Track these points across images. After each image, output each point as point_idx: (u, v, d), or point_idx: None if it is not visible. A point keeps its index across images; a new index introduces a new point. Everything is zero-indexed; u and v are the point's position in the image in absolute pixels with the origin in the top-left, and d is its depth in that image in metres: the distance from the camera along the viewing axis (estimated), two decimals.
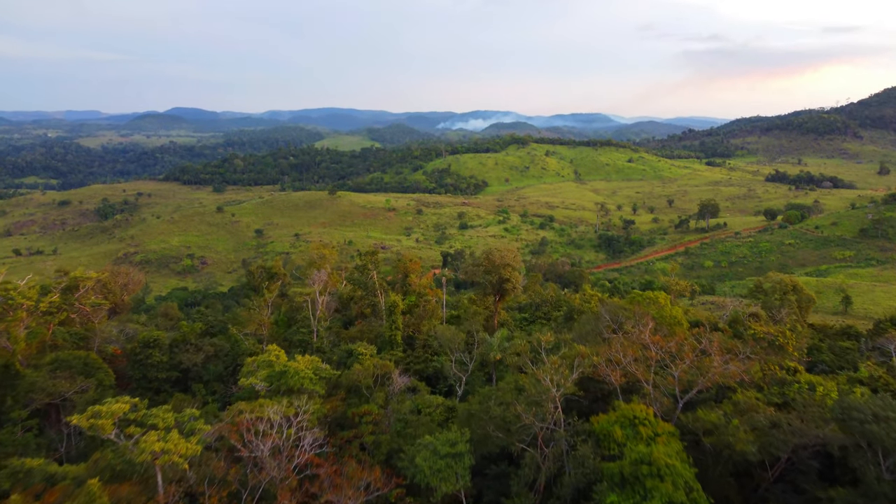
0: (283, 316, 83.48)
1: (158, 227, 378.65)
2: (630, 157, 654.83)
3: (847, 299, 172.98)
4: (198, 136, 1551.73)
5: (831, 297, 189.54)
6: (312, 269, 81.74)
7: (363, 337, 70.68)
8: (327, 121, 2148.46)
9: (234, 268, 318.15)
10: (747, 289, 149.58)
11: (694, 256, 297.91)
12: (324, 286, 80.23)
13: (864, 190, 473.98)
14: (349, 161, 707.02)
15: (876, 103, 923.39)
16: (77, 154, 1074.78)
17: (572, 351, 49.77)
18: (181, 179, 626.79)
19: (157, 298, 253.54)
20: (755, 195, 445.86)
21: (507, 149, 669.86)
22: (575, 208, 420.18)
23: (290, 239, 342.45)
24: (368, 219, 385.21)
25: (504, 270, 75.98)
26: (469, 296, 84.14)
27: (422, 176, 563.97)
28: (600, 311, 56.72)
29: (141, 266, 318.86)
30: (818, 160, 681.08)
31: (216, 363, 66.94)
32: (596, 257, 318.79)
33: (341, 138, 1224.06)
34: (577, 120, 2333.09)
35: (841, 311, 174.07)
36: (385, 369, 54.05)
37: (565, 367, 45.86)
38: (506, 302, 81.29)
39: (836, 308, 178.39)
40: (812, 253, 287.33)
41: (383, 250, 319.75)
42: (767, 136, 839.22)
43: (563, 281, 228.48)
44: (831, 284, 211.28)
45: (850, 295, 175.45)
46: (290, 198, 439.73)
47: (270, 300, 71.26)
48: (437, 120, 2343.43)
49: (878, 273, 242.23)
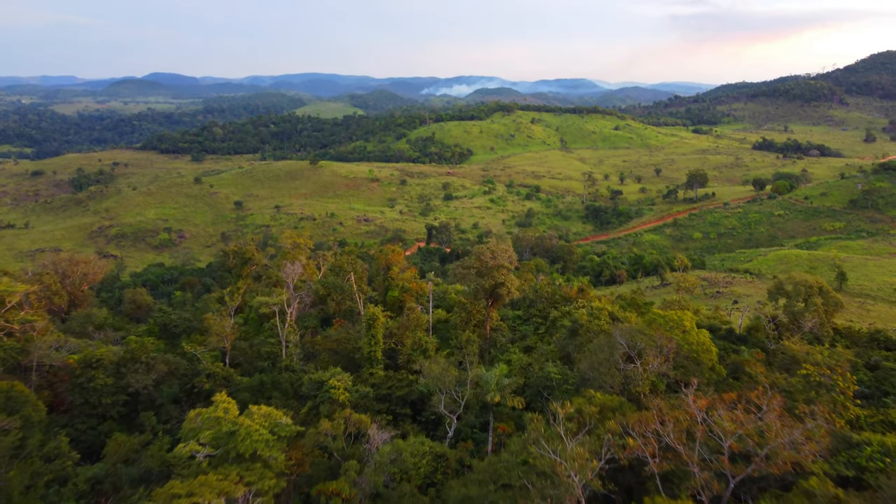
0: (255, 314, 76.63)
1: (134, 198, 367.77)
2: (616, 124, 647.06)
3: (842, 276, 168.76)
4: (177, 102, 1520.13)
5: (825, 272, 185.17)
6: (285, 260, 74.51)
7: (340, 348, 63.96)
8: (309, 86, 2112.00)
9: (212, 241, 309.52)
10: (766, 292, 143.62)
11: (682, 228, 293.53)
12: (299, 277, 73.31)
13: (850, 158, 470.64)
14: (331, 129, 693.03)
15: (862, 69, 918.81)
16: (52, 121, 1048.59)
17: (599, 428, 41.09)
18: (159, 148, 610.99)
19: (132, 275, 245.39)
20: (743, 164, 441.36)
21: (492, 116, 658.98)
22: (561, 178, 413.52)
23: (271, 211, 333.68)
24: (351, 189, 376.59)
25: (498, 273, 68.73)
26: (459, 297, 76.59)
27: (405, 145, 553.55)
28: (614, 335, 48.05)
29: (116, 240, 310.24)
30: (804, 127, 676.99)
31: (171, 383, 59.58)
32: (583, 229, 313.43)
33: (323, 105, 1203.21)
34: (561, 85, 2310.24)
35: (836, 287, 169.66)
36: (360, 425, 46.98)
37: (590, 452, 37.07)
38: (499, 304, 74.94)
39: (831, 284, 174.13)
40: (802, 224, 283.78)
41: (366, 222, 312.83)
42: (754, 102, 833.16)
43: (551, 256, 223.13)
44: (823, 258, 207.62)
45: (844, 271, 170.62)
46: (271, 168, 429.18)
47: (234, 307, 63.91)
48: (421, 85, 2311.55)
49: (869, 245, 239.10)
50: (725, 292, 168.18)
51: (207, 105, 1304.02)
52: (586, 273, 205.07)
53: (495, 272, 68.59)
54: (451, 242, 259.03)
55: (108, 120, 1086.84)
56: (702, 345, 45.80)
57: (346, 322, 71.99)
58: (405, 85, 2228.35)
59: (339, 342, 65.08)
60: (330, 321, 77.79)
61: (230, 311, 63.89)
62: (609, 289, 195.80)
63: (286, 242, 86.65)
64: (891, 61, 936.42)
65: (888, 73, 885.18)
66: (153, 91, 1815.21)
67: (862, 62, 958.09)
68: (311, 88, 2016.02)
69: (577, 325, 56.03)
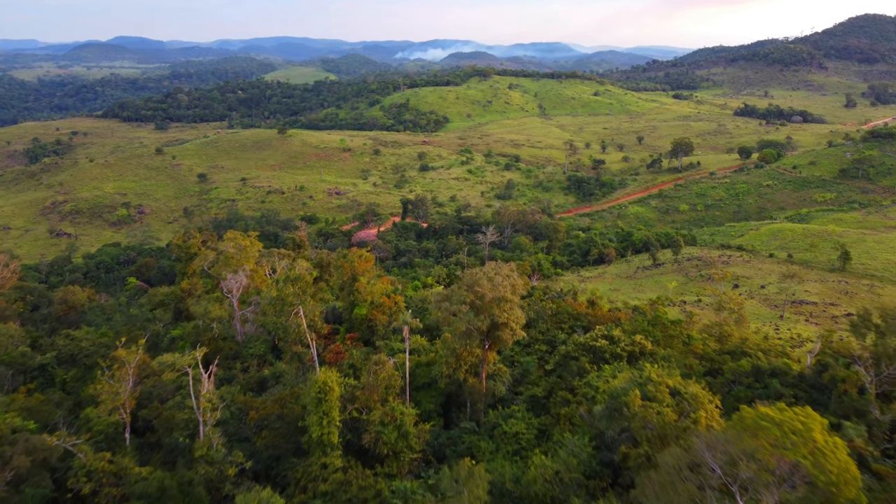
0: (192, 329, 62.16)
1: (91, 171, 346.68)
2: (596, 90, 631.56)
3: (846, 255, 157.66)
4: (143, 67, 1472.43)
5: (826, 250, 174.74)
6: (226, 268, 59.98)
7: (286, 412, 48.90)
8: (280, 50, 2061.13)
9: (174, 217, 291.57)
10: (777, 275, 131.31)
11: (668, 199, 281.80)
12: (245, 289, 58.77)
13: (833, 125, 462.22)
14: (302, 95, 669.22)
15: (840, 33, 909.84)
16: (10, 87, 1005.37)
17: None
18: (121, 116, 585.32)
19: (85, 256, 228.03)
20: (726, 130, 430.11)
21: (468, 81, 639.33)
22: (542, 146, 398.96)
23: (237, 184, 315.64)
24: (322, 160, 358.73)
25: (498, 309, 52.09)
26: (444, 334, 58.73)
27: (379, 112, 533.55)
28: (698, 449, 31.12)
29: (71, 217, 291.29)
30: (784, 92, 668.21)
31: (40, 479, 42.71)
32: (566, 200, 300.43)
33: (294, 69, 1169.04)
34: (537, 49, 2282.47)
35: (838, 267, 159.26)
36: None
37: None
38: (498, 347, 58.42)
39: (832, 264, 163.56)
40: (791, 195, 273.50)
41: (338, 196, 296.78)
42: (733, 66, 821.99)
43: (534, 232, 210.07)
44: (820, 233, 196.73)
45: (847, 250, 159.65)
46: (238, 137, 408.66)
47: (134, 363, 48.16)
48: (395, 49, 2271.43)
49: (864, 218, 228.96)
50: (723, 273, 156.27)
51: (174, 70, 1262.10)
52: (573, 252, 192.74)
53: (495, 308, 52.14)
54: (428, 217, 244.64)
55: (69, 86, 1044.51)
56: (843, 471, 31.42)
57: (297, 363, 57.53)
58: (379, 49, 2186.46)
59: (282, 402, 50.49)
60: (281, 351, 63.51)
61: (129, 370, 47.93)
62: (598, 269, 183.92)
63: (227, 246, 71.62)
64: (868, 25, 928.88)
65: (866, 37, 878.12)
66: (118, 55, 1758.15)
67: (840, 26, 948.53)
68: (282, 52, 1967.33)
69: (620, 406, 41.35)
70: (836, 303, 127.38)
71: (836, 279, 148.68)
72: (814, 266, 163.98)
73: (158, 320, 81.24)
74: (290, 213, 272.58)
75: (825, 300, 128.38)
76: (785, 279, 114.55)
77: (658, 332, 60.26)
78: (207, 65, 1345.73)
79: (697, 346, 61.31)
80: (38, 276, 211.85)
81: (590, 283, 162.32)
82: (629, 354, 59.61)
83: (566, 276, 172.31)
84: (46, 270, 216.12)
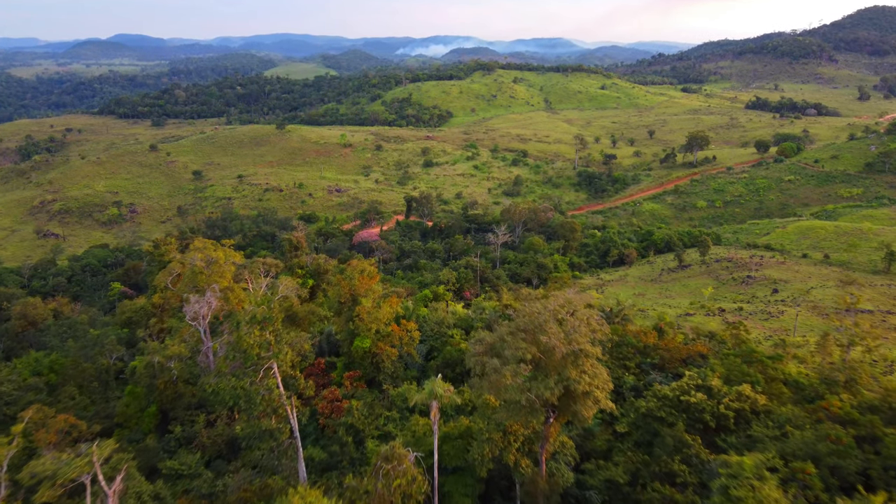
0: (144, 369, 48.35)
1: (83, 169, 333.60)
2: (603, 83, 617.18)
3: (891, 255, 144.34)
4: (142, 64, 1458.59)
5: (866, 250, 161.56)
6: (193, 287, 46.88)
7: None
8: (281, 47, 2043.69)
9: (168, 216, 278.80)
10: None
11: (684, 195, 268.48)
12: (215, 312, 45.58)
13: (848, 118, 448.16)
14: (302, 90, 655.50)
15: (850, 25, 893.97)
16: (7, 85, 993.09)
17: None
18: (117, 113, 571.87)
19: (71, 259, 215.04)
20: (739, 124, 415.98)
21: (471, 76, 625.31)
22: (549, 141, 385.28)
23: (233, 182, 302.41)
24: (322, 156, 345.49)
25: (575, 369, 35.21)
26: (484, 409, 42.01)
27: (380, 107, 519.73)
28: None
29: (60, 216, 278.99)
30: (794, 85, 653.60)
31: None
32: (576, 197, 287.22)
33: (294, 66, 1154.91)
34: (539, 45, 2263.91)
35: (883, 269, 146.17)
36: None
37: None
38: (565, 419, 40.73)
39: (875, 265, 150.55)
40: (814, 190, 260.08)
41: (339, 193, 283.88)
42: (740, 60, 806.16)
43: (547, 232, 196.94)
44: (853, 231, 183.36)
45: (894, 251, 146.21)
46: (235, 133, 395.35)
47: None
48: (396, 46, 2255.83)
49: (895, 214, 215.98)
50: (758, 277, 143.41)
51: (174, 67, 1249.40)
52: (590, 252, 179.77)
53: (570, 367, 35.01)
54: (433, 215, 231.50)
55: (67, 83, 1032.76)
56: None
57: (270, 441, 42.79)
58: (379, 45, 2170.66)
59: None
60: None
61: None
62: (618, 271, 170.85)
63: (194, 258, 56.95)
64: (878, 17, 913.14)
65: (876, 29, 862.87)
66: (118, 53, 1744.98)
67: (849, 18, 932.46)
68: (282, 49, 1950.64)
69: None
70: (892, 310, 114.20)
71: (884, 283, 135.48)
72: (854, 268, 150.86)
73: (110, 352, 67.69)
74: (289, 211, 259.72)
75: (879, 307, 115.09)
76: (844, 286, 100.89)
77: (756, 373, 46.40)
78: (207, 61, 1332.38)
79: (833, 404, 44.49)
80: (19, 280, 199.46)
81: (611, 288, 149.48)
82: (736, 413, 44.18)
83: (585, 279, 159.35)
84: (29, 274, 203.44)
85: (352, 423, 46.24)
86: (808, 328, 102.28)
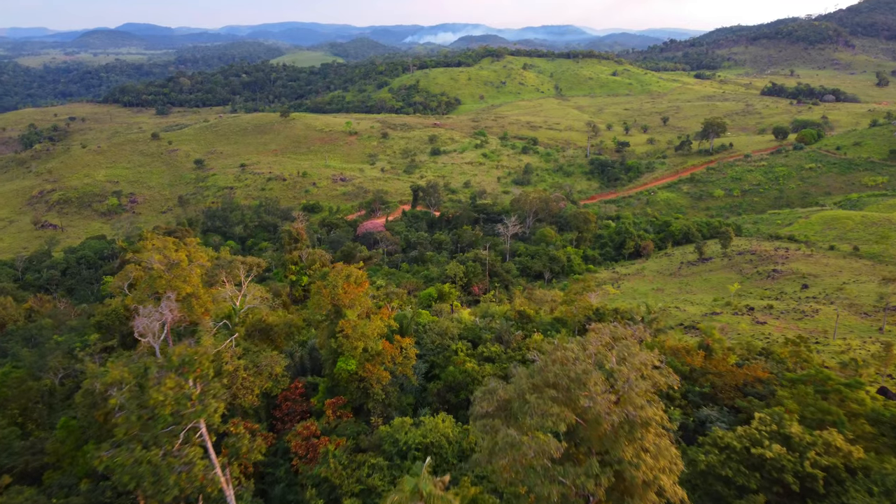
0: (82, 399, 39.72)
1: (83, 158, 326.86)
2: (614, 69, 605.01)
3: None
4: (149, 53, 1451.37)
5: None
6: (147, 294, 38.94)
7: None
8: (288, 36, 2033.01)
9: (168, 206, 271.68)
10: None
11: (701, 184, 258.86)
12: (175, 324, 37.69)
13: (868, 104, 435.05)
14: (308, 78, 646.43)
15: (867, 9, 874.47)
16: (14, 74, 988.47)
17: None
18: (121, 101, 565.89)
19: (67, 251, 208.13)
20: (755, 111, 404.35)
21: (480, 62, 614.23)
22: (560, 128, 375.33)
23: (235, 171, 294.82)
24: (327, 144, 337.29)
25: (629, 446, 24.22)
26: None
27: (387, 94, 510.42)
28: None
29: (58, 206, 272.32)
30: (810, 71, 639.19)
31: None
32: (588, 186, 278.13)
33: (301, 54, 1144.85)
34: (548, 32, 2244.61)
35: None
36: None
37: None
38: None
39: None
40: (837, 178, 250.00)
41: (343, 182, 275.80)
42: (755, 45, 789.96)
43: (559, 222, 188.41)
44: (882, 222, 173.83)
45: None
46: (238, 121, 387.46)
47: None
48: (404, 34, 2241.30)
49: None
50: (784, 271, 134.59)
51: (180, 55, 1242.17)
52: (604, 244, 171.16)
53: (624, 444, 24.40)
54: (441, 205, 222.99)
55: (74, 72, 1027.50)
56: None
57: None
58: (387, 33, 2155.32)
59: None
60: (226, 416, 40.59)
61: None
62: (634, 264, 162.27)
63: (154, 258, 48.00)
64: None
65: (893, 14, 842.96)
66: (126, 42, 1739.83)
67: (865, 2, 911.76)
68: (290, 38, 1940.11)
69: None
70: None
71: None
72: (887, 261, 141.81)
73: (55, 369, 59.29)
74: (292, 201, 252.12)
75: None
76: (888, 283, 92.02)
77: (835, 407, 37.20)
78: (214, 50, 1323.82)
79: None
80: (12, 272, 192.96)
81: (627, 282, 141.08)
82: (825, 472, 34.35)
83: (600, 272, 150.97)
84: (23, 267, 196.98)
85: (326, 475, 37.86)
86: (848, 329, 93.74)
